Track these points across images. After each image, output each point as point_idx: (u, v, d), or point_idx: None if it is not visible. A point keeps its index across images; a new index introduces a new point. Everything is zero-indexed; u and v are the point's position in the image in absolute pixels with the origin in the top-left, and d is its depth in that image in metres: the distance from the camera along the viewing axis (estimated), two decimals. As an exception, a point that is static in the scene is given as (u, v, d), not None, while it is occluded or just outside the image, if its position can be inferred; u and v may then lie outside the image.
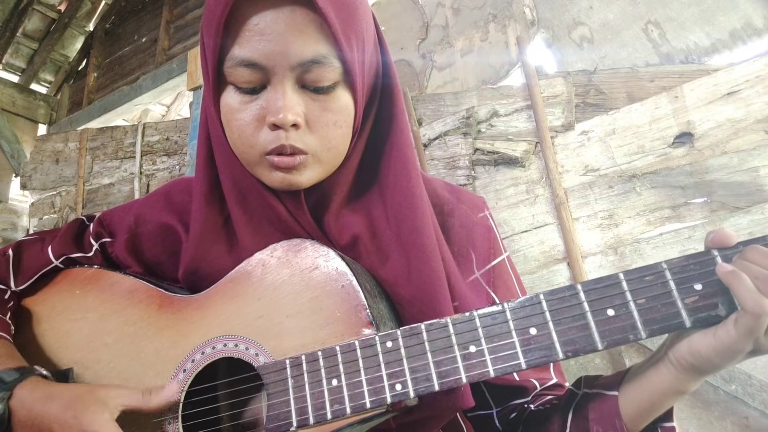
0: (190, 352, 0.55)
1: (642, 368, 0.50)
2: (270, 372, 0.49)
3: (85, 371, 0.60)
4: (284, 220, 0.59)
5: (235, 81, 0.53)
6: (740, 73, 1.79)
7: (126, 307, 0.61)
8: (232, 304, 0.55)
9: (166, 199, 0.68)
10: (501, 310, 0.46)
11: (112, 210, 0.72)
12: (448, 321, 0.47)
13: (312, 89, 0.53)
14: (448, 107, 2.28)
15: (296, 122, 0.52)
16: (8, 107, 4.09)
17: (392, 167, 0.60)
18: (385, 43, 0.61)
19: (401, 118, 0.62)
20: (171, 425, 0.54)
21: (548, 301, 0.45)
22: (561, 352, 0.44)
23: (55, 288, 0.67)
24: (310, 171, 0.56)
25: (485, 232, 0.68)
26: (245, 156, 0.56)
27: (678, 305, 0.42)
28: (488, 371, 0.44)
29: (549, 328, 0.44)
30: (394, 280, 0.56)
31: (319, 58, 0.51)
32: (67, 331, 0.63)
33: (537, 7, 2.32)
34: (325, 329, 0.50)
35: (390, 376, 0.46)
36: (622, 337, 0.43)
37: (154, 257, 0.66)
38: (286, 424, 0.47)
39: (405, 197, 0.59)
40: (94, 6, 4.36)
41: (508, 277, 0.68)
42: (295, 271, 0.53)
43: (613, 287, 0.44)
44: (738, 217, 1.72)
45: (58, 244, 0.68)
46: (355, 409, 0.46)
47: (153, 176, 3.05)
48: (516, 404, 0.64)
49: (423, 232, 0.57)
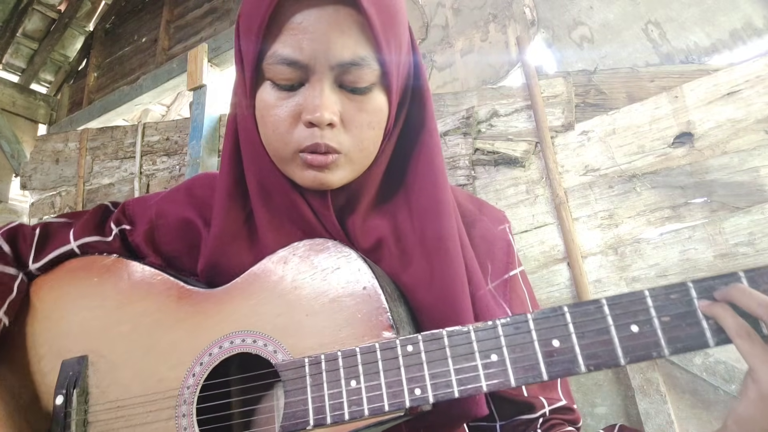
0: (208, 345, 0.55)
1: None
2: (288, 370, 0.49)
3: (99, 359, 0.60)
4: (307, 220, 0.59)
5: (274, 77, 0.53)
6: (740, 73, 1.79)
7: (144, 297, 0.61)
8: (252, 300, 0.55)
9: (188, 194, 0.69)
10: (524, 320, 0.46)
11: (136, 199, 0.72)
12: (470, 328, 0.46)
13: (349, 89, 0.53)
14: (448, 107, 2.28)
15: (332, 121, 0.52)
16: (8, 107, 4.09)
17: (419, 172, 0.60)
18: (416, 43, 0.61)
19: (431, 124, 0.61)
20: (185, 418, 0.54)
21: (572, 314, 0.45)
22: (583, 366, 0.43)
23: (72, 275, 0.67)
24: (342, 171, 0.56)
25: (504, 246, 0.68)
26: (278, 152, 0.56)
27: (703, 325, 0.42)
28: (510, 381, 0.44)
29: (572, 341, 0.44)
30: (415, 285, 0.56)
31: (359, 60, 0.51)
32: (84, 318, 0.63)
33: (537, 7, 2.31)
34: (345, 330, 0.50)
35: (410, 380, 0.46)
36: (645, 353, 0.43)
37: (173, 250, 0.66)
38: (303, 422, 0.47)
39: (431, 203, 0.59)
40: (94, 6, 4.35)
41: (521, 291, 0.68)
42: (316, 270, 0.53)
43: (638, 303, 0.44)
44: (738, 217, 1.72)
45: (80, 228, 0.68)
46: (373, 411, 0.46)
47: (153, 176, 3.05)
48: (521, 420, 0.63)
49: (447, 239, 0.57)
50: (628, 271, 1.85)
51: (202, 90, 2.94)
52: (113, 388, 0.58)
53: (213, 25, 3.36)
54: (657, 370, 1.74)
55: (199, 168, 2.73)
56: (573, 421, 0.64)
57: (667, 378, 1.74)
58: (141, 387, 0.57)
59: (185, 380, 0.55)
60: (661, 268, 1.80)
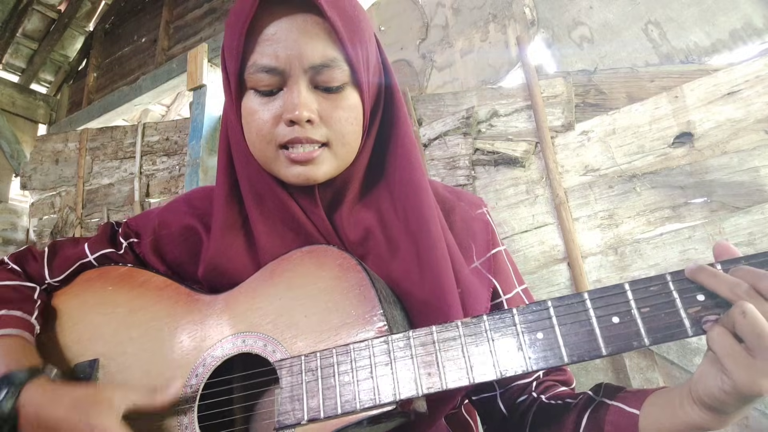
0: (211, 347, 0.58)
1: (668, 395, 0.49)
2: (284, 367, 0.52)
3: (110, 362, 0.63)
4: (296, 219, 0.63)
5: (256, 85, 0.58)
6: (740, 73, 1.78)
7: (154, 303, 0.65)
8: (254, 303, 0.58)
9: (188, 204, 0.73)
10: (510, 314, 0.48)
11: (137, 216, 0.78)
12: (458, 323, 0.49)
13: (323, 89, 0.58)
14: (448, 107, 2.28)
15: (310, 118, 0.57)
16: (8, 107, 4.09)
17: (398, 162, 0.65)
18: (380, 43, 0.67)
19: (403, 116, 0.66)
20: (187, 417, 0.56)
21: (555, 308, 0.47)
22: (566, 357, 0.45)
23: (89, 284, 0.71)
24: (326, 165, 0.60)
25: (483, 226, 0.72)
26: (263, 152, 0.60)
27: (681, 314, 0.44)
28: (495, 373, 0.46)
29: (555, 333, 0.46)
30: (405, 271, 0.60)
31: (329, 62, 0.56)
32: (98, 324, 0.66)
33: (537, 7, 2.31)
34: (341, 329, 0.53)
35: (401, 375, 0.48)
36: (626, 343, 0.44)
37: (176, 258, 0.70)
38: (298, 417, 0.49)
39: (411, 188, 0.63)
40: (94, 6, 4.35)
41: (506, 266, 0.72)
42: (315, 274, 0.56)
43: (619, 296, 0.46)
44: (738, 217, 1.71)
45: (93, 243, 0.73)
46: (364, 405, 0.48)
47: (153, 176, 3.05)
48: (518, 386, 0.67)
49: (429, 221, 0.61)
50: (628, 271, 1.85)
51: (202, 90, 2.94)
52: None
53: (213, 25, 3.35)
54: (657, 370, 1.74)
55: (199, 168, 2.73)
56: (566, 382, 0.68)
57: (667, 378, 1.74)
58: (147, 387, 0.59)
59: (188, 380, 0.57)
60: (661, 268, 1.80)
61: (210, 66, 3.01)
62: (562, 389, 0.66)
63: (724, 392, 0.41)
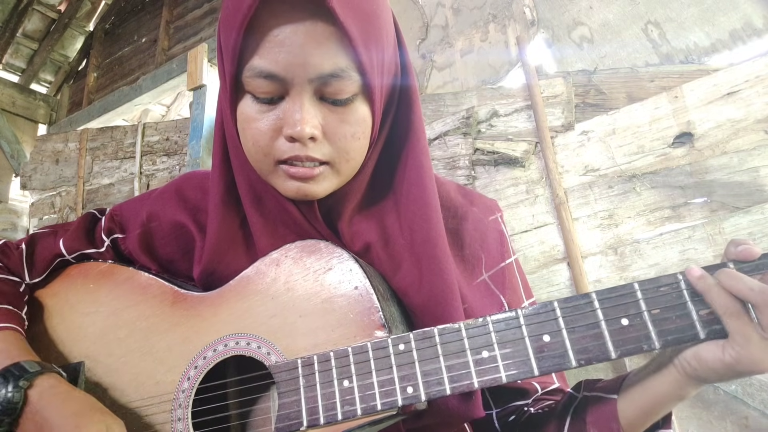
0: (202, 349, 0.55)
1: (643, 371, 0.50)
2: (281, 371, 0.49)
3: (96, 365, 0.60)
4: (299, 224, 0.58)
5: (253, 91, 0.52)
6: (740, 73, 1.78)
7: (139, 302, 0.61)
8: (245, 302, 0.55)
9: (179, 196, 0.68)
10: (515, 316, 0.46)
11: (123, 204, 0.71)
12: (461, 326, 0.46)
13: (330, 101, 0.52)
14: (448, 107, 2.28)
15: (314, 135, 0.51)
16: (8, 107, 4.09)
17: (407, 175, 0.60)
18: (404, 43, 0.60)
19: (419, 125, 0.60)
20: (180, 422, 0.54)
21: (562, 309, 0.45)
22: (574, 360, 0.43)
23: (68, 281, 0.67)
24: (327, 182, 0.55)
25: (497, 235, 0.69)
26: (259, 163, 0.55)
27: (692, 317, 0.42)
28: (501, 377, 0.44)
29: (563, 336, 0.44)
30: (405, 289, 0.56)
31: (338, 72, 0.50)
32: (80, 324, 0.63)
33: (537, 7, 2.31)
34: (338, 330, 0.50)
35: (402, 379, 0.46)
36: (636, 346, 0.43)
37: (168, 254, 0.66)
38: (297, 423, 0.47)
39: (419, 207, 0.58)
40: (94, 6, 4.35)
41: (515, 279, 0.68)
42: (308, 271, 0.53)
43: (628, 296, 0.44)
44: (738, 217, 1.71)
45: (70, 240, 0.68)
46: (365, 410, 0.46)
47: (153, 176, 3.05)
48: (516, 406, 0.64)
49: (436, 243, 0.57)
50: (627, 271, 1.85)
51: (202, 90, 2.94)
52: (110, 393, 0.58)
53: (213, 25, 3.35)
54: (657, 370, 1.74)
55: (199, 168, 2.73)
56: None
57: (667, 378, 1.74)
58: (137, 391, 0.57)
59: (180, 384, 0.55)
60: (661, 268, 1.80)
61: (210, 66, 3.01)
62: (550, 402, 0.63)
63: (723, 363, 0.42)
